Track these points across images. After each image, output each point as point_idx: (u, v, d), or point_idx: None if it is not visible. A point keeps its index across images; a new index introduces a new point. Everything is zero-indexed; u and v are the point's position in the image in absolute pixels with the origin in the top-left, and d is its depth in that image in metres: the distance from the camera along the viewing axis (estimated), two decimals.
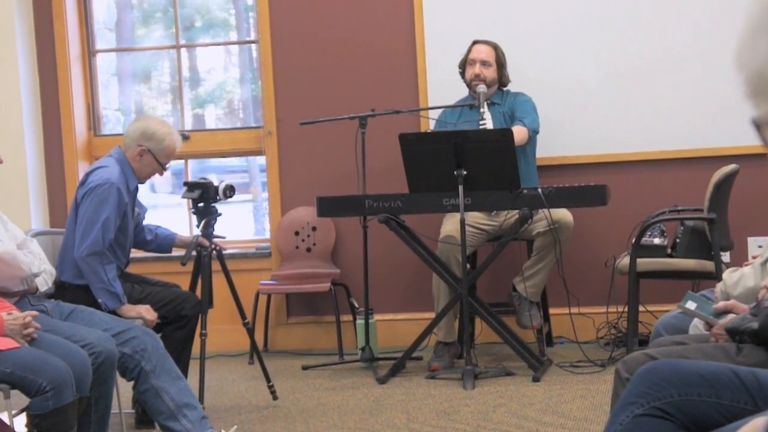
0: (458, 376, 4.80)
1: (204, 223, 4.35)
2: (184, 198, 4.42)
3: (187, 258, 4.29)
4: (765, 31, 1.13)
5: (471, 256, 5.27)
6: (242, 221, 7.37)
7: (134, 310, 4.08)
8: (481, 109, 5.13)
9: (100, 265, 4.06)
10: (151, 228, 4.51)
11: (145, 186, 4.79)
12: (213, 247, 4.35)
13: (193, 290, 4.39)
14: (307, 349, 5.85)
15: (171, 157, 4.31)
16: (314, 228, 5.89)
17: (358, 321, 5.36)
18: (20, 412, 3.65)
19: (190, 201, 4.41)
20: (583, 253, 5.56)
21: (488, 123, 5.25)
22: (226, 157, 6.79)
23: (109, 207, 4.07)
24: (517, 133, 5.05)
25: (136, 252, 4.67)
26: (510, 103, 5.33)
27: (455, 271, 4.98)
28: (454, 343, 5.20)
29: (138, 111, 6.68)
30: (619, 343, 5.26)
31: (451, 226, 5.06)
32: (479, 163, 4.74)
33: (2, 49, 5.92)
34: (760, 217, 5.46)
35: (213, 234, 4.38)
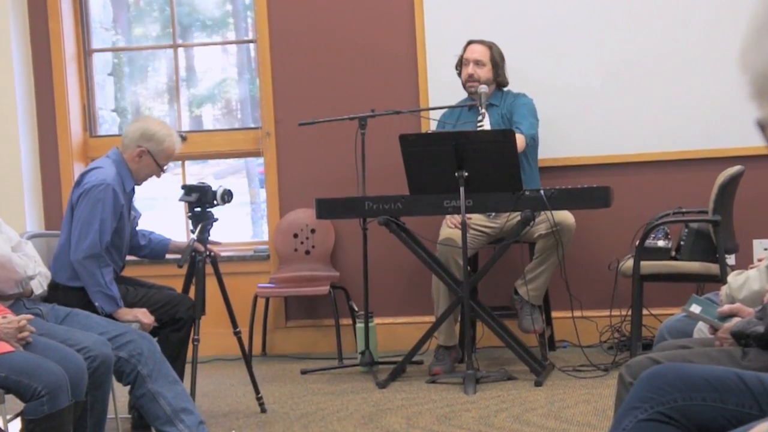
0: (459, 380, 4.80)
1: (200, 227, 4.35)
2: (180, 201, 4.41)
3: (184, 260, 4.29)
4: None
5: (472, 258, 5.27)
6: (240, 223, 7.37)
7: (131, 314, 4.08)
8: (482, 110, 5.13)
9: (97, 268, 4.06)
10: (145, 233, 4.51)
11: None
12: (208, 253, 4.35)
13: (185, 294, 4.38)
14: (305, 353, 5.85)
15: (170, 159, 4.32)
16: (313, 230, 5.89)
17: (358, 324, 5.36)
18: (15, 417, 3.66)
19: (187, 204, 4.41)
20: (586, 256, 5.56)
21: (486, 124, 5.25)
22: (224, 159, 6.80)
23: (105, 209, 4.07)
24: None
25: (130, 256, 4.66)
26: (509, 105, 5.33)
27: (455, 273, 4.98)
28: (455, 347, 5.20)
29: (134, 111, 6.68)
30: (622, 347, 5.26)
31: (451, 228, 5.06)
32: (480, 165, 4.74)
33: None
34: (765, 219, 5.47)
35: (208, 239, 4.37)
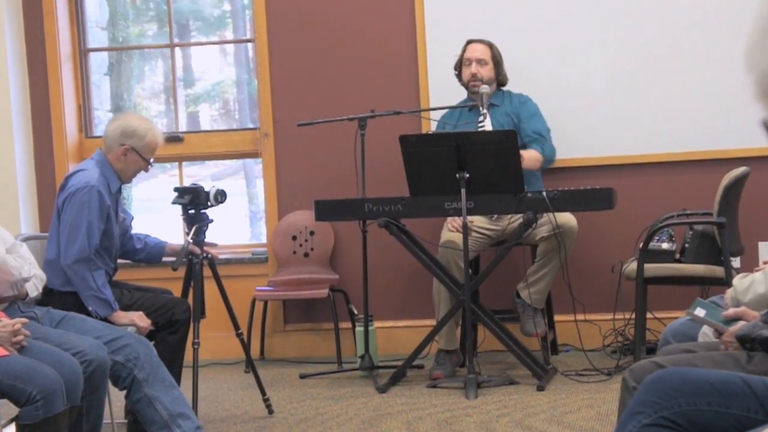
0: (460, 385, 4.80)
1: (195, 229, 4.35)
2: (174, 204, 4.41)
3: (179, 263, 4.29)
4: None
5: (473, 261, 5.27)
6: (238, 225, 7.38)
7: (127, 317, 4.08)
8: (483, 110, 5.13)
9: (88, 272, 4.06)
10: (140, 237, 4.51)
11: None
12: (204, 255, 4.35)
13: (184, 298, 4.38)
14: (304, 357, 5.85)
15: (154, 152, 4.31)
16: (312, 232, 5.90)
17: (358, 328, 5.36)
18: (10, 422, 3.65)
19: (181, 207, 4.40)
20: (589, 259, 5.56)
21: (487, 125, 5.26)
22: (222, 160, 6.80)
23: (92, 211, 4.07)
24: (530, 158, 5.10)
25: (127, 260, 4.66)
26: (515, 107, 5.33)
27: (456, 276, 4.99)
28: (456, 351, 5.20)
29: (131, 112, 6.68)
30: (626, 351, 5.26)
31: (452, 231, 5.07)
32: (482, 166, 4.74)
33: None
34: None
35: (204, 241, 4.37)
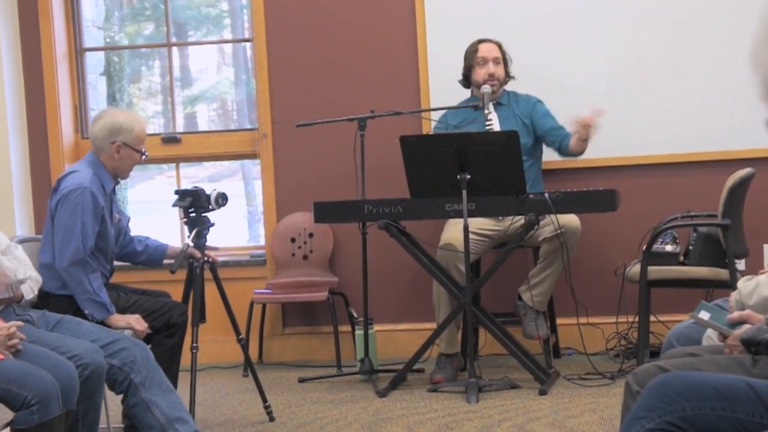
0: (461, 389, 4.80)
1: (195, 233, 4.35)
2: (174, 207, 4.41)
3: (177, 266, 4.29)
4: None
5: (474, 263, 5.27)
6: (236, 227, 7.39)
7: (123, 320, 4.08)
8: (486, 111, 5.13)
9: (84, 275, 4.06)
10: (141, 239, 4.51)
11: None
12: (205, 259, 4.35)
13: (185, 303, 4.37)
14: (303, 360, 5.85)
15: (144, 141, 4.32)
16: (311, 234, 5.90)
17: (357, 331, 5.36)
18: (4, 426, 3.65)
19: (181, 210, 4.40)
20: (591, 261, 5.56)
21: (495, 124, 5.26)
22: (219, 161, 6.81)
23: (85, 213, 4.08)
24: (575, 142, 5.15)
25: (126, 263, 4.66)
26: (523, 108, 5.33)
27: (456, 278, 4.98)
28: (457, 354, 5.20)
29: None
30: (629, 354, 5.26)
31: (453, 233, 5.06)
32: (483, 167, 4.74)
33: None
34: None
35: (205, 245, 4.37)
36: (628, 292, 5.10)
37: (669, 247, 4.95)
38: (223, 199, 4.38)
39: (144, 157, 4.32)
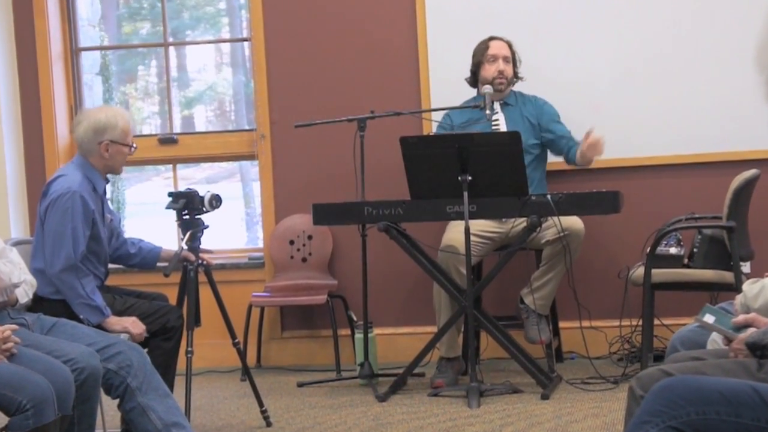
0: (462, 393, 4.80)
1: (189, 235, 4.34)
2: (168, 209, 4.40)
3: (171, 269, 4.28)
4: None
5: (476, 266, 5.27)
6: (234, 229, 7.38)
7: (120, 324, 4.08)
8: (487, 111, 5.13)
9: (76, 280, 4.06)
10: (134, 241, 4.51)
11: None
12: (199, 261, 4.35)
13: (180, 306, 4.37)
14: (302, 365, 5.85)
15: (130, 134, 4.31)
16: (310, 237, 5.90)
17: (357, 335, 5.36)
18: None
19: (175, 212, 4.39)
20: (594, 264, 5.56)
21: (501, 125, 5.26)
22: (217, 162, 6.81)
23: (75, 217, 4.08)
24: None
25: (119, 265, 4.66)
26: (531, 110, 5.33)
27: (456, 281, 4.99)
28: (458, 358, 5.20)
29: None
30: (632, 358, 5.27)
31: (454, 235, 5.07)
32: (485, 168, 4.74)
33: None
34: None
35: (199, 247, 4.37)
36: (632, 295, 5.10)
37: (673, 250, 4.95)
38: (217, 201, 4.38)
39: (133, 149, 4.32)
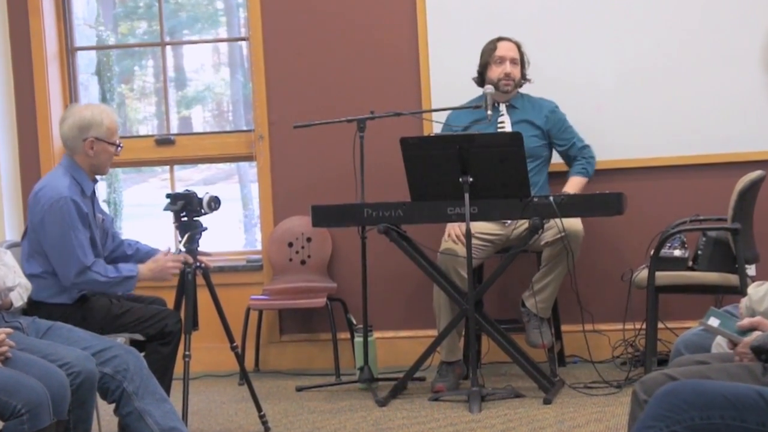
0: (464, 398, 4.80)
1: (187, 237, 4.35)
2: (165, 211, 4.40)
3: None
4: None
5: (477, 269, 5.27)
6: (232, 231, 7.39)
7: (156, 265, 4.28)
8: (488, 111, 5.13)
9: (92, 273, 4.12)
10: (131, 243, 4.51)
11: None
12: (197, 264, 4.35)
13: (177, 310, 4.37)
14: (301, 368, 5.85)
15: (116, 133, 4.31)
16: (309, 239, 5.90)
17: (356, 339, 5.36)
18: None
19: (173, 214, 4.39)
20: (597, 266, 5.56)
21: (507, 127, 5.26)
22: (215, 163, 6.81)
23: (74, 223, 4.10)
24: (578, 184, 5.28)
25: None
26: (538, 113, 5.32)
27: (456, 284, 4.98)
28: (459, 362, 5.20)
29: (120, 114, 6.69)
30: (636, 362, 5.26)
31: (448, 241, 5.07)
32: (486, 169, 4.74)
33: None
34: None
35: (197, 250, 4.37)
36: (636, 298, 5.10)
37: (677, 252, 4.95)
38: (215, 203, 4.38)
39: (119, 149, 4.31)
